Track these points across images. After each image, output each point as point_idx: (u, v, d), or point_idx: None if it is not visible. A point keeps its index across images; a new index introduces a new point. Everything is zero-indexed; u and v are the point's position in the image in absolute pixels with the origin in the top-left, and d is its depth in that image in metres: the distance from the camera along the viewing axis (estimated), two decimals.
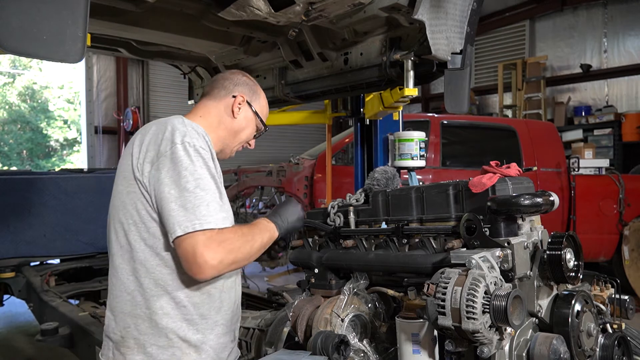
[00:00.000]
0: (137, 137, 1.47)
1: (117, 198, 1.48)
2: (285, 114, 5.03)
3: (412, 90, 2.31)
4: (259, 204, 6.15)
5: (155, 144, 1.40)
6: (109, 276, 1.52)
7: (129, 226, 1.42)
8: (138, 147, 1.43)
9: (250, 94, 1.69)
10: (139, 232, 1.41)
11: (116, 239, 1.46)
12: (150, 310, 1.41)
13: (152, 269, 1.41)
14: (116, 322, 1.45)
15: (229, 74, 1.73)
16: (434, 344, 1.47)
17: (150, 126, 1.48)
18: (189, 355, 1.43)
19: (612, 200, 5.59)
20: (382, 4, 2.09)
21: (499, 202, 1.46)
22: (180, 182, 1.33)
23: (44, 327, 2.78)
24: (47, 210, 3.90)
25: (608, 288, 1.75)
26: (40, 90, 17.37)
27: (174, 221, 1.31)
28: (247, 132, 1.71)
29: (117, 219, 1.46)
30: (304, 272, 1.98)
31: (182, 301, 1.42)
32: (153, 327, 1.41)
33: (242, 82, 1.70)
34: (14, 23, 1.37)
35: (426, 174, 5.37)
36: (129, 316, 1.43)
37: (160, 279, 1.41)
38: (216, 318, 1.48)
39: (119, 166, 1.51)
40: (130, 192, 1.42)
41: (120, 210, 1.45)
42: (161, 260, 1.40)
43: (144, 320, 1.41)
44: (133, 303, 1.42)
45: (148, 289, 1.41)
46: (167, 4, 2.38)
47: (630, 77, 9.41)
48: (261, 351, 1.94)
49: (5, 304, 4.07)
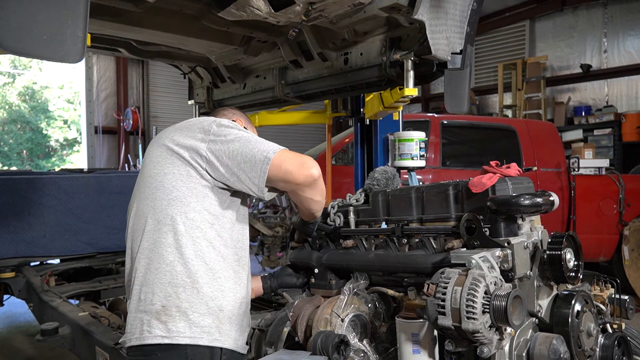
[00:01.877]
0: (166, 135, 1.63)
1: (151, 180, 1.60)
2: (285, 114, 5.02)
3: (412, 90, 2.31)
4: (259, 204, 6.14)
5: (196, 131, 1.58)
6: (140, 253, 1.58)
7: (169, 201, 1.54)
8: (171, 139, 1.59)
9: (247, 123, 1.91)
10: (181, 206, 1.53)
11: (153, 215, 1.56)
12: (191, 279, 1.51)
13: (192, 241, 1.52)
14: (154, 294, 1.52)
15: (224, 109, 1.97)
16: (434, 344, 1.47)
17: (177, 124, 1.67)
18: (224, 324, 1.54)
19: (612, 200, 5.59)
20: (382, 4, 2.09)
21: (499, 202, 1.46)
22: (238, 138, 1.55)
23: (44, 327, 2.78)
24: (47, 210, 3.89)
25: (608, 288, 1.75)
26: (40, 90, 17.37)
27: (258, 154, 1.52)
28: None
29: (152, 197, 1.58)
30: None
31: (217, 272, 1.54)
32: (194, 295, 1.51)
33: (238, 113, 1.93)
34: (14, 23, 1.37)
35: (426, 174, 5.36)
36: (169, 285, 1.51)
37: (199, 250, 1.53)
38: (241, 295, 1.62)
39: (147, 157, 1.66)
40: (169, 173, 1.56)
41: (157, 189, 1.57)
42: (201, 233, 1.53)
43: (184, 288, 1.50)
44: (173, 273, 1.51)
45: (189, 259, 1.51)
46: (167, 4, 2.38)
47: (630, 77, 9.41)
48: (261, 351, 1.94)
49: (5, 304, 4.07)
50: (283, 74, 3.08)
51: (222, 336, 1.53)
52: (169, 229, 1.53)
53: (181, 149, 1.57)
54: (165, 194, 1.55)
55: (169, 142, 1.60)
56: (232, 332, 1.57)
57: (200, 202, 1.55)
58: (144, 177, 1.64)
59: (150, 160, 1.64)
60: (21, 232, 3.79)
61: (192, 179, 1.55)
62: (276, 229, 5.54)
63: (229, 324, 1.56)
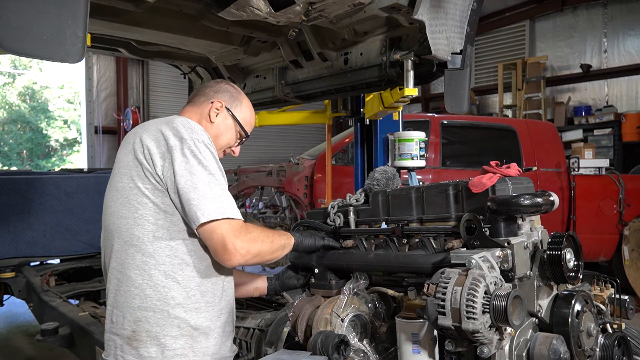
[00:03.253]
0: (137, 135, 1.51)
1: (117, 194, 1.50)
2: (285, 114, 5.02)
3: (412, 90, 2.31)
4: (259, 204, 6.15)
5: (163, 140, 1.45)
6: (110, 273, 1.52)
7: (134, 220, 1.45)
8: (140, 144, 1.47)
9: (230, 101, 1.72)
10: (148, 225, 1.44)
11: (119, 235, 1.48)
12: (161, 302, 1.44)
13: (162, 261, 1.44)
14: (125, 318, 1.46)
15: (213, 82, 1.80)
16: (434, 344, 1.47)
17: (150, 125, 1.53)
18: (199, 342, 1.48)
19: (612, 200, 5.59)
20: (382, 4, 2.09)
21: (499, 202, 1.46)
22: (196, 174, 1.41)
23: (44, 327, 2.78)
24: (47, 210, 3.89)
25: (608, 288, 1.75)
26: (40, 90, 17.36)
27: (195, 210, 1.38)
28: (227, 137, 1.73)
29: (118, 215, 1.48)
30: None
31: (191, 290, 1.47)
32: (165, 318, 1.44)
33: (223, 89, 1.73)
34: (14, 23, 1.37)
35: (426, 174, 5.36)
36: (139, 310, 1.45)
37: (170, 270, 1.44)
38: (221, 306, 1.55)
39: (117, 163, 1.54)
40: (134, 187, 1.46)
41: (123, 206, 1.47)
42: (171, 251, 1.45)
43: (154, 312, 1.44)
44: (142, 297, 1.44)
45: (158, 281, 1.44)
46: (167, 4, 2.38)
47: (630, 77, 9.41)
48: (261, 351, 1.94)
49: (5, 304, 4.07)
50: (283, 74, 3.08)
51: (196, 355, 1.48)
52: (136, 250, 1.45)
53: (146, 160, 1.45)
54: (131, 211, 1.45)
55: (137, 149, 1.47)
56: (210, 346, 1.51)
57: (169, 218, 1.45)
58: (112, 189, 1.53)
59: (119, 170, 1.53)
60: (21, 232, 3.79)
61: (158, 194, 1.44)
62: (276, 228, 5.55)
63: (205, 340, 1.50)
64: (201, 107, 1.70)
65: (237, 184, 5.76)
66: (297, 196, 5.47)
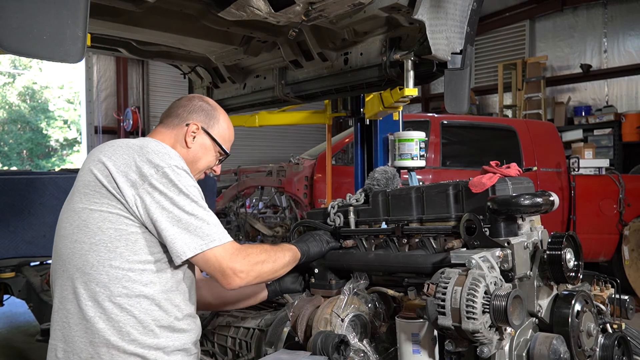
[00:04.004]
0: (102, 156, 1.39)
1: (74, 216, 1.38)
2: (285, 114, 5.02)
3: (412, 90, 2.31)
4: (259, 204, 6.15)
5: (134, 166, 1.35)
6: (59, 303, 1.40)
7: (91, 246, 1.34)
8: (105, 169, 1.36)
9: (206, 120, 1.61)
10: (105, 252, 1.33)
11: (70, 261, 1.36)
12: (116, 337, 1.32)
13: (118, 292, 1.32)
14: (75, 354, 1.34)
15: (185, 100, 1.66)
16: (434, 344, 1.47)
17: (118, 148, 1.42)
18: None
19: (612, 200, 5.59)
20: (382, 4, 2.09)
21: (499, 202, 1.46)
22: (178, 204, 1.34)
23: (44, 327, 2.78)
24: (47, 210, 3.89)
25: (608, 288, 1.75)
26: (40, 90, 17.36)
27: (181, 244, 1.33)
28: (206, 160, 1.63)
29: (72, 239, 1.37)
30: None
31: (149, 325, 1.36)
32: (120, 355, 1.33)
33: (197, 108, 1.62)
34: (14, 23, 1.37)
35: (426, 174, 5.36)
36: (91, 345, 1.33)
37: (126, 302, 1.33)
38: (183, 340, 1.44)
39: (77, 183, 1.43)
40: (96, 210, 1.35)
41: (80, 229, 1.36)
42: (129, 282, 1.34)
43: (108, 348, 1.32)
44: (94, 331, 1.32)
45: (112, 315, 1.32)
46: (167, 4, 2.38)
47: (630, 77, 9.41)
48: (261, 351, 1.94)
49: (5, 304, 4.07)
50: (283, 74, 3.08)
51: None
52: (90, 279, 1.32)
53: (112, 187, 1.34)
54: (88, 236, 1.34)
55: (101, 172, 1.36)
56: None
57: (129, 246, 1.34)
58: (68, 209, 1.41)
59: (78, 189, 1.40)
60: (21, 232, 3.79)
61: (123, 220, 1.34)
62: (276, 229, 5.55)
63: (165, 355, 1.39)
64: (175, 131, 1.58)
65: (237, 184, 5.76)
66: (297, 196, 5.47)
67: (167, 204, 1.33)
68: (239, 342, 2.04)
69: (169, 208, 1.33)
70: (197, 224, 1.34)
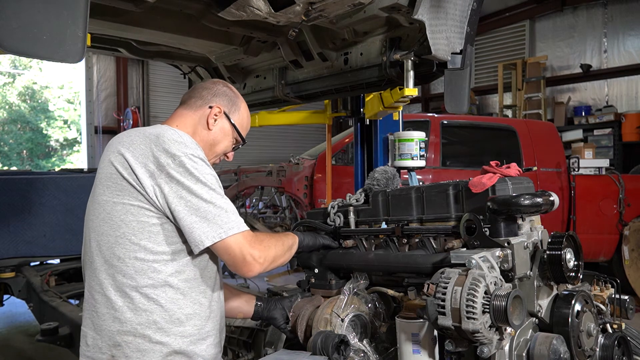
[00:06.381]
0: (121, 147, 1.41)
1: (99, 209, 1.42)
2: (285, 114, 5.02)
3: (412, 90, 2.31)
4: (259, 204, 6.16)
5: (151, 156, 1.37)
6: (88, 292, 1.44)
7: (116, 239, 1.37)
8: (124, 160, 1.38)
9: (228, 106, 1.63)
10: (130, 245, 1.36)
11: (99, 253, 1.40)
12: (142, 326, 1.36)
13: (144, 283, 1.36)
14: (102, 341, 1.39)
15: (210, 83, 1.67)
16: (434, 344, 1.47)
17: (135, 137, 1.43)
18: None
19: (612, 200, 5.59)
20: (382, 4, 2.09)
21: (499, 202, 1.46)
22: (195, 193, 1.36)
23: (44, 327, 2.78)
24: (47, 210, 3.89)
25: (608, 288, 1.75)
26: (40, 90, 17.36)
27: (200, 233, 1.34)
28: (224, 144, 1.64)
29: (99, 232, 1.40)
30: (304, 272, 1.99)
31: (175, 313, 1.39)
32: (146, 343, 1.36)
33: (221, 93, 1.63)
34: (14, 23, 1.37)
35: (426, 174, 5.37)
36: (118, 334, 1.37)
37: (152, 292, 1.37)
38: (207, 328, 1.47)
39: (99, 175, 1.45)
40: (118, 202, 1.38)
41: (105, 222, 1.40)
42: (154, 273, 1.37)
43: (135, 337, 1.36)
44: (122, 320, 1.36)
45: (139, 304, 1.36)
46: (167, 4, 2.38)
47: (630, 77, 9.41)
48: (261, 351, 1.94)
49: (5, 304, 4.07)
50: (283, 74, 3.08)
51: None
52: (117, 271, 1.37)
53: (132, 178, 1.37)
54: (113, 229, 1.37)
55: (120, 163, 1.38)
56: None
57: (152, 238, 1.37)
58: (94, 202, 1.45)
59: (101, 181, 1.43)
60: (21, 232, 3.79)
61: (145, 212, 1.37)
62: (276, 228, 5.56)
63: None
64: (198, 112, 1.59)
65: (237, 184, 5.76)
66: (297, 196, 5.47)
67: (185, 192, 1.35)
68: (240, 342, 2.04)
69: (187, 197, 1.35)
70: (215, 212, 1.36)
